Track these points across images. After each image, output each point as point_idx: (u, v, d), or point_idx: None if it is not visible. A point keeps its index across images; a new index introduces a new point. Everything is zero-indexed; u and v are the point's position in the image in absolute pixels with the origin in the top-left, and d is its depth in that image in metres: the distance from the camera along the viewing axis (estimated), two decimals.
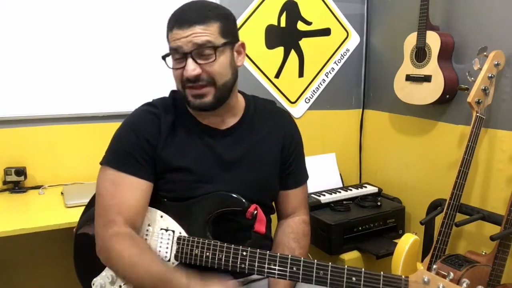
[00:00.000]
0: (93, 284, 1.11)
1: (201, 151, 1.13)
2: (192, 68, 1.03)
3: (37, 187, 1.81)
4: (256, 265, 1.00)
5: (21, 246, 1.85)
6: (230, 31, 1.08)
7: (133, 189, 1.07)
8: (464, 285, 0.84)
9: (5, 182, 1.77)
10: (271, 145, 1.20)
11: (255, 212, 1.09)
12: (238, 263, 1.01)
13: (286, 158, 1.23)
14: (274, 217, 1.29)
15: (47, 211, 1.59)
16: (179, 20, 1.04)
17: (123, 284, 1.07)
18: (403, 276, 0.89)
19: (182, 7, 1.08)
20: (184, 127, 1.13)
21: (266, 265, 0.99)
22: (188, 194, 1.11)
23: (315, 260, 0.96)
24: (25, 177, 1.79)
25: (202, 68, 1.04)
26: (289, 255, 0.99)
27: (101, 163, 1.12)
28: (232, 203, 1.09)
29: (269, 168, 1.20)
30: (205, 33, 1.03)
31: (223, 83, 1.07)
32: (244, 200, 1.08)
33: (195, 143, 1.13)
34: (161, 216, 1.10)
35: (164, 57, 1.09)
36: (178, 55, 1.05)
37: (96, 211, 1.08)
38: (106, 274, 1.09)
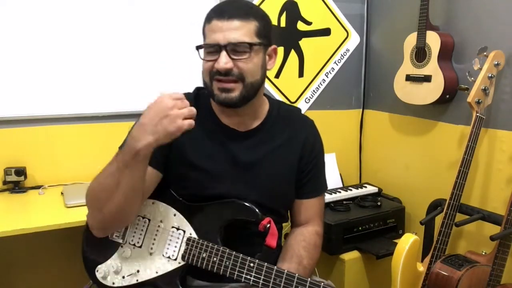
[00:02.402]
0: (97, 271, 1.11)
1: (217, 151, 1.13)
2: (224, 61, 1.03)
3: (37, 187, 1.81)
4: (261, 279, 0.99)
5: (21, 246, 1.85)
6: (266, 33, 1.10)
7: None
8: None
9: (5, 182, 1.77)
10: (290, 152, 1.18)
11: (268, 225, 1.07)
12: (244, 273, 1.00)
13: (304, 167, 1.20)
14: (286, 224, 1.28)
15: (47, 211, 1.59)
16: (219, 11, 1.06)
17: (127, 275, 1.07)
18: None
19: (224, 1, 1.10)
20: (204, 124, 1.12)
21: (271, 281, 0.98)
22: (201, 192, 1.11)
23: (322, 283, 0.96)
24: (25, 177, 1.78)
25: (235, 63, 1.04)
26: (296, 274, 0.98)
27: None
28: (246, 214, 1.08)
29: (285, 175, 1.18)
30: (243, 29, 1.04)
31: (251, 82, 1.07)
32: (258, 212, 1.07)
33: (212, 142, 1.13)
34: (175, 214, 1.10)
35: (198, 48, 1.09)
36: (213, 48, 1.05)
37: None
38: (112, 263, 1.10)
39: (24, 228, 1.41)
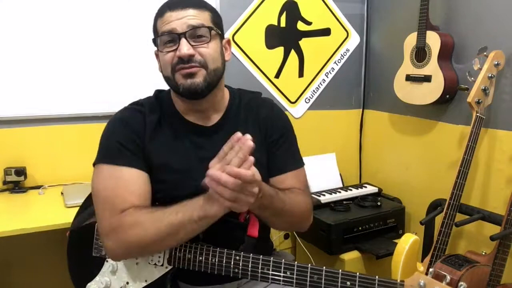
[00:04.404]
0: None
1: (187, 149, 1.11)
2: (186, 47, 1.02)
3: (37, 187, 1.81)
4: (249, 270, 0.99)
5: (21, 246, 1.85)
6: (219, 25, 1.11)
7: (135, 179, 1.05)
8: None
9: (5, 182, 1.77)
10: (256, 137, 1.15)
11: (248, 215, 1.07)
12: (232, 267, 1.00)
13: (270, 145, 1.19)
14: None
15: (47, 211, 1.59)
16: (172, 4, 1.05)
17: None
18: (398, 280, 0.88)
19: None
20: (170, 125, 1.12)
21: (259, 270, 0.98)
22: (177, 193, 1.08)
23: (309, 265, 0.95)
24: (25, 177, 1.79)
25: (195, 50, 1.04)
26: (283, 260, 0.98)
27: (94, 164, 1.10)
28: None
29: (256, 160, 1.17)
30: (199, 16, 1.04)
31: (214, 68, 1.07)
32: None
33: (181, 141, 1.12)
34: None
35: (154, 40, 1.08)
36: (170, 37, 1.04)
37: (99, 206, 1.04)
38: (100, 279, 1.09)
39: (24, 228, 1.42)
